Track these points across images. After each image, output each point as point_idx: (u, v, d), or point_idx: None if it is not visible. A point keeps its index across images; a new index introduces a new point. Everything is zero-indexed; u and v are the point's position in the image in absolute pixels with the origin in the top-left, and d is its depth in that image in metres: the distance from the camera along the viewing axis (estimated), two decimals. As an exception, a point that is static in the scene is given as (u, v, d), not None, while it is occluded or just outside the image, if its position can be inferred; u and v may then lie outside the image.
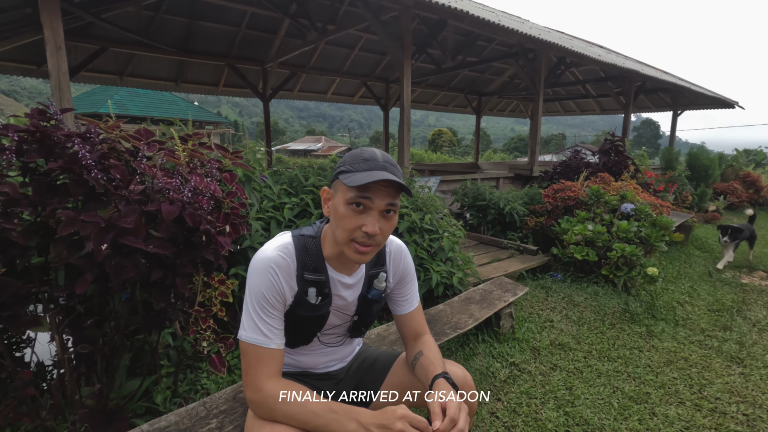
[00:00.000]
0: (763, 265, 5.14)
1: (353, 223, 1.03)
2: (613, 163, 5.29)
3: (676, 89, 9.76)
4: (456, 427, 0.95)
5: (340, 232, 1.06)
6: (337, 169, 1.07)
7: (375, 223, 1.03)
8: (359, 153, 1.07)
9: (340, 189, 1.05)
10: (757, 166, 23.95)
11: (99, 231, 1.21)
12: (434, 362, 1.18)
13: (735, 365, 2.69)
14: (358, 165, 1.03)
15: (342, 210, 1.04)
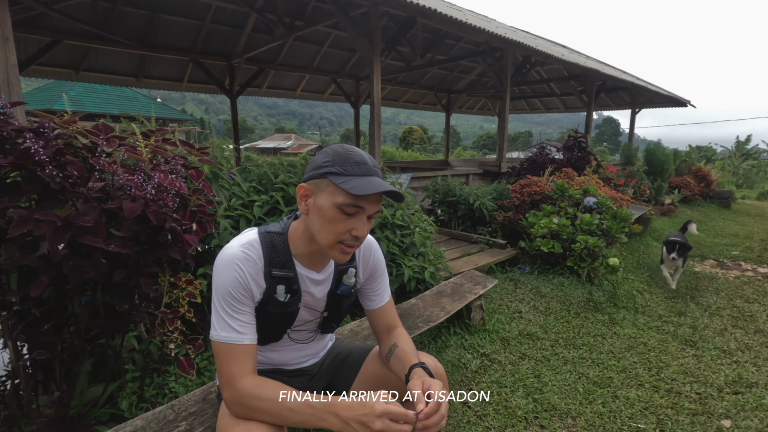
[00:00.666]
0: (713, 254, 5.48)
1: (343, 227, 1.03)
2: (577, 158, 5.49)
3: (634, 88, 10.21)
4: (439, 412, 0.96)
5: (326, 234, 1.04)
6: (324, 168, 1.02)
7: (364, 226, 1.04)
8: (346, 154, 1.03)
9: (327, 190, 1.02)
10: (707, 161, 25.43)
11: (55, 230, 1.15)
12: (409, 353, 1.20)
13: (689, 348, 2.85)
14: (350, 168, 1.00)
15: (331, 213, 1.02)
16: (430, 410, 0.96)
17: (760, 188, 20.50)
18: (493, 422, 1.95)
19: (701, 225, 7.49)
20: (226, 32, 7.61)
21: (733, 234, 6.85)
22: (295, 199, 2.90)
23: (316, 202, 1.04)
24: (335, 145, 1.07)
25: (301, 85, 10.36)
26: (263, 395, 1.00)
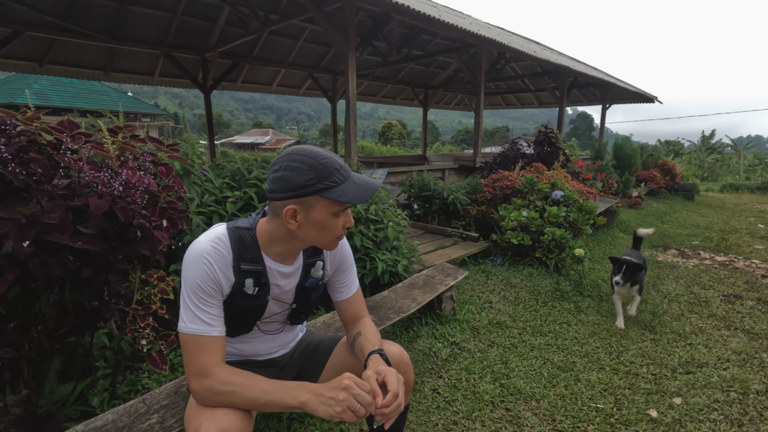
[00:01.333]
0: (675, 244, 5.75)
1: (338, 226, 1.13)
2: (547, 153, 5.66)
3: (604, 84, 10.51)
4: (396, 402, 1.03)
5: (327, 237, 1.14)
6: (312, 187, 1.03)
7: (351, 217, 1.16)
8: (322, 165, 1.04)
9: (320, 204, 1.07)
10: (675, 155, 26.41)
11: (19, 228, 1.16)
12: (370, 340, 1.25)
13: (648, 332, 3.01)
14: (336, 177, 1.06)
15: (329, 221, 1.10)
16: (388, 402, 1.02)
17: (724, 181, 21.47)
18: (461, 407, 2.04)
19: (666, 216, 7.83)
20: (199, 25, 7.46)
21: (695, 225, 7.19)
22: (268, 195, 2.93)
23: (310, 217, 1.08)
24: (303, 157, 1.05)
25: (277, 80, 10.26)
26: (234, 380, 1.05)
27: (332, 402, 0.98)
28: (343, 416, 0.97)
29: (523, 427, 1.94)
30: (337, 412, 0.97)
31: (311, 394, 1.01)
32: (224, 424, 0.99)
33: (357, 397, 0.98)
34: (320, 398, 0.99)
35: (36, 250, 1.25)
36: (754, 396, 2.23)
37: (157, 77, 8.49)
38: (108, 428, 1.31)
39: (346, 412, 0.97)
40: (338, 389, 0.99)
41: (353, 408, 0.97)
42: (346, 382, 1.00)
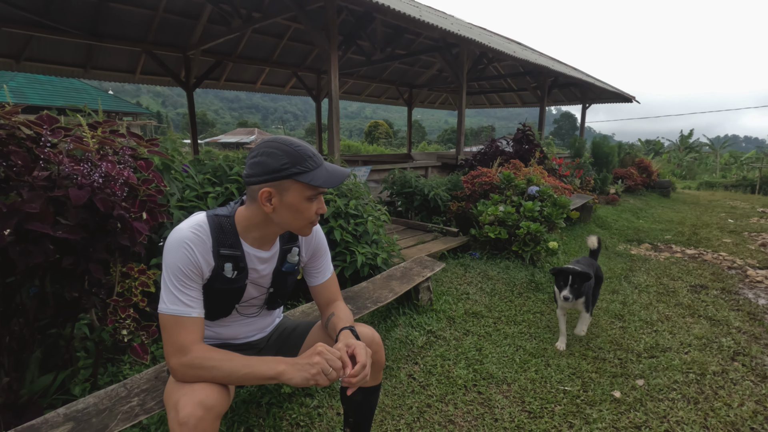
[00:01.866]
0: (649, 238, 5.95)
1: (311, 211, 1.20)
2: (525, 151, 5.81)
3: (583, 84, 10.76)
4: (363, 372, 1.13)
5: (300, 221, 1.20)
6: (285, 171, 1.12)
7: (323, 204, 1.23)
8: (297, 152, 1.13)
9: (294, 188, 1.14)
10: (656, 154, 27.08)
11: (0, 216, 1.20)
12: (342, 318, 1.34)
13: (617, 321, 3.15)
14: (309, 163, 1.14)
15: (303, 205, 1.17)
16: (356, 371, 1.12)
17: (701, 179, 22.10)
18: (435, 390, 2.13)
19: (642, 212, 8.07)
20: (181, 22, 7.43)
21: (669, 220, 7.44)
22: (250, 191, 2.98)
23: (284, 200, 1.16)
24: (278, 144, 1.14)
25: (261, 78, 10.24)
26: (213, 356, 1.12)
27: (307, 367, 1.08)
28: (318, 378, 1.07)
29: (494, 408, 2.04)
30: (312, 374, 1.07)
31: (287, 364, 1.11)
32: (201, 397, 1.06)
33: (329, 361, 1.08)
34: (295, 366, 1.09)
35: (17, 240, 1.29)
36: (710, 377, 2.37)
37: (138, 75, 8.41)
38: (89, 411, 1.36)
39: (320, 375, 1.07)
40: (312, 355, 1.10)
41: (326, 371, 1.07)
42: (319, 349, 1.11)
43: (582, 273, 2.50)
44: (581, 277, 2.51)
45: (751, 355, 2.62)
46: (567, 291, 2.48)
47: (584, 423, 1.96)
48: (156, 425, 1.73)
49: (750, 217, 8.07)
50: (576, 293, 2.50)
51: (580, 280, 2.51)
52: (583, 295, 2.57)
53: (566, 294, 2.47)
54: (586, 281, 2.53)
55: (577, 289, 2.50)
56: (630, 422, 1.97)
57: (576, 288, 2.49)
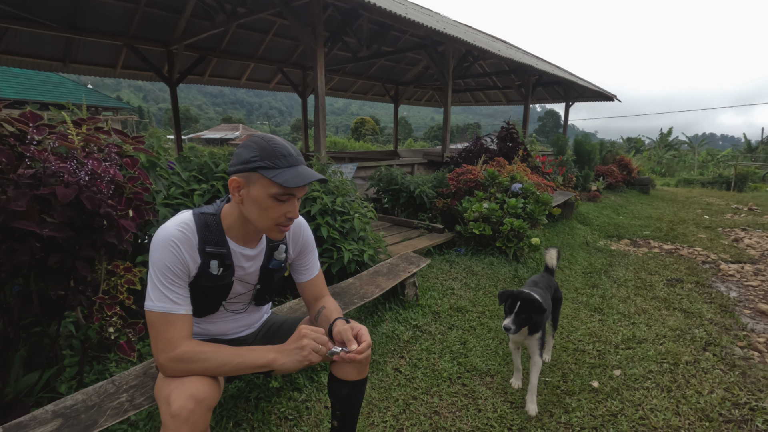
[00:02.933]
0: (629, 234, 6.12)
1: (278, 212, 1.18)
2: (509, 148, 5.90)
3: (567, 83, 10.93)
4: (368, 351, 1.22)
5: (264, 220, 1.19)
6: (253, 163, 1.13)
7: (296, 209, 1.21)
8: (272, 148, 1.15)
9: (260, 183, 1.15)
10: (637, 152, 27.62)
11: (-14, 215, 1.20)
12: (334, 311, 1.39)
13: (597, 314, 3.25)
14: (278, 161, 1.14)
15: (267, 202, 1.16)
16: (362, 348, 1.20)
17: (680, 176, 22.67)
18: (421, 383, 2.18)
19: (622, 209, 8.27)
20: (163, 16, 7.29)
21: (647, 216, 7.65)
22: (236, 188, 2.98)
23: (250, 193, 1.17)
24: (258, 138, 1.18)
25: (246, 74, 10.13)
26: (204, 349, 1.15)
27: (297, 350, 1.13)
28: (310, 358, 1.13)
29: (478, 399, 2.10)
30: (304, 355, 1.13)
31: (276, 351, 1.16)
32: (193, 390, 1.08)
33: (315, 339, 1.14)
34: (285, 352, 1.15)
35: (2, 238, 1.28)
36: (683, 366, 2.48)
37: (119, 69, 8.24)
38: (78, 407, 1.37)
39: (311, 353, 1.13)
40: (299, 339, 1.15)
41: (315, 348, 1.13)
42: (303, 331, 1.16)
43: (534, 301, 1.88)
44: (533, 306, 1.88)
45: (722, 345, 2.74)
46: (509, 321, 1.86)
47: (564, 412, 2.03)
48: (144, 421, 1.74)
49: (724, 213, 8.35)
50: (524, 323, 1.89)
51: (531, 309, 1.88)
52: (539, 329, 1.97)
53: (507, 324, 1.86)
54: (539, 313, 1.90)
55: (524, 320, 1.88)
56: (607, 410, 2.06)
57: (523, 318, 1.88)
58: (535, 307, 1.89)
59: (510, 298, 1.93)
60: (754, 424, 1.97)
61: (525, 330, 1.96)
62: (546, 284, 2.36)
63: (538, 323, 1.95)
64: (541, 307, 1.90)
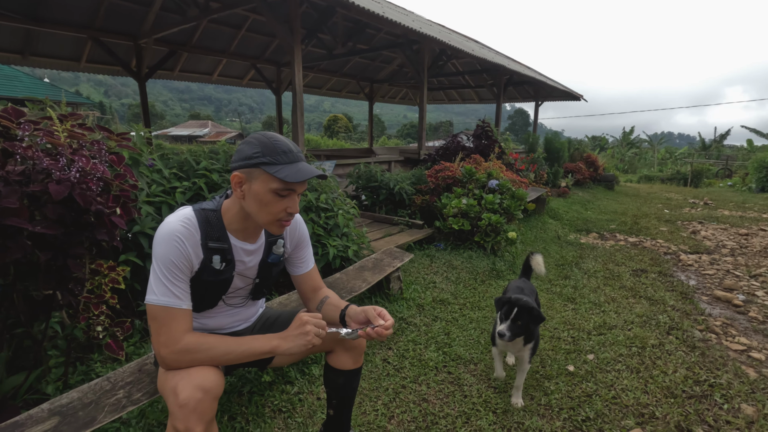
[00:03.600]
0: (596, 228, 6.41)
1: (279, 207, 1.21)
2: (484, 146, 6.07)
3: (536, 83, 11.28)
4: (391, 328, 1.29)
5: (264, 215, 1.22)
6: (255, 159, 1.16)
7: (296, 204, 1.25)
8: (273, 144, 1.18)
9: (261, 178, 1.18)
10: (601, 149, 28.73)
11: (-21, 212, 1.18)
12: (341, 300, 1.47)
13: (570, 303, 3.42)
14: (279, 157, 1.17)
15: (268, 197, 1.19)
16: (389, 324, 1.28)
17: (641, 173, 23.75)
18: (409, 372, 2.26)
19: (590, 204, 8.63)
20: (131, 9, 7.06)
21: (613, 211, 8.03)
22: (218, 185, 2.96)
23: (251, 188, 1.20)
24: (259, 135, 1.21)
25: (218, 70, 9.93)
26: (207, 339, 1.18)
27: (300, 336, 1.18)
28: (314, 341, 1.19)
29: (463, 386, 2.20)
30: (308, 339, 1.19)
31: (279, 338, 1.21)
32: (199, 380, 1.11)
33: (316, 324, 1.20)
34: (289, 338, 1.20)
35: (-7, 235, 1.26)
36: (650, 349, 2.66)
37: (84, 63, 7.92)
38: (74, 405, 1.36)
39: (314, 338, 1.19)
40: (301, 325, 1.20)
41: (318, 333, 1.19)
42: (304, 318, 1.21)
43: (530, 308, 1.86)
44: (530, 315, 1.86)
45: (683, 329, 2.95)
46: (505, 326, 1.84)
47: (543, 395, 2.16)
48: (137, 419, 1.74)
49: (683, 207, 8.86)
50: (515, 331, 1.85)
51: (528, 317, 1.86)
52: (533, 339, 1.97)
53: (502, 330, 1.83)
54: (537, 322, 1.90)
55: (519, 327, 1.86)
56: (582, 392, 2.20)
57: (519, 326, 1.86)
58: (533, 316, 1.86)
59: (507, 304, 1.90)
60: (713, 399, 2.15)
61: (520, 341, 1.94)
62: (530, 290, 2.38)
63: (533, 332, 1.95)
64: (540, 316, 1.88)
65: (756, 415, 2.02)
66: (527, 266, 2.67)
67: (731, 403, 2.11)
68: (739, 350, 2.71)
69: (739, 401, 2.13)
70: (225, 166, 3.09)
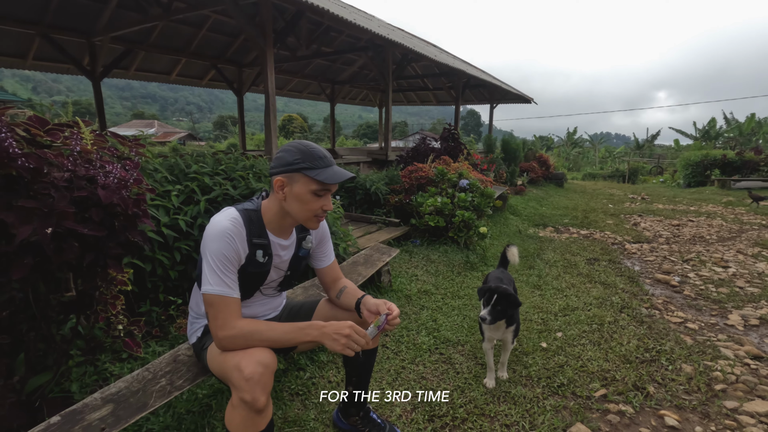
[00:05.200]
0: (552, 223, 6.97)
1: (317, 205, 1.41)
2: (451, 148, 6.44)
3: (491, 86, 11.91)
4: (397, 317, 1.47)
5: (305, 212, 1.41)
6: (297, 165, 1.35)
7: (330, 201, 1.45)
8: (311, 151, 1.37)
9: (302, 181, 1.37)
10: (548, 149, 30.42)
11: (43, 216, 1.28)
12: (357, 290, 1.66)
13: (536, 290, 3.80)
14: (318, 162, 1.37)
15: (308, 197, 1.38)
16: (397, 313, 1.46)
17: (585, 171, 25.45)
18: (406, 355, 2.50)
19: (544, 200, 9.30)
20: (84, 5, 6.76)
21: (565, 207, 8.71)
22: (210, 188, 3.04)
23: (293, 190, 1.39)
24: (296, 144, 1.40)
25: (177, 70, 9.66)
26: (258, 326, 1.34)
27: (337, 342, 1.32)
28: (346, 352, 1.32)
29: (455, 364, 2.46)
30: (343, 344, 1.32)
31: (319, 332, 1.35)
32: (259, 357, 1.28)
33: (356, 341, 1.33)
34: (328, 337, 1.33)
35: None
36: (607, 325, 3.07)
37: (30, 61, 7.47)
38: (123, 393, 1.47)
39: (345, 350, 1.32)
40: (342, 335, 1.31)
41: (353, 347, 1.32)
42: (347, 331, 1.32)
43: (508, 294, 2.10)
44: (508, 300, 2.11)
45: (633, 307, 3.40)
46: (486, 311, 2.08)
47: (524, 368, 2.46)
48: (164, 409, 1.84)
49: (624, 202, 9.75)
50: (496, 315, 2.09)
51: (506, 303, 2.10)
52: (514, 321, 2.23)
53: (484, 314, 2.07)
54: (515, 306, 2.15)
55: (499, 312, 2.10)
56: (555, 364, 2.53)
57: (498, 311, 2.10)
58: (511, 301, 2.12)
59: (488, 292, 2.14)
60: (660, 362, 2.56)
61: (503, 325, 2.18)
62: (508, 279, 2.64)
63: (514, 316, 2.20)
64: (517, 301, 2.13)
65: (693, 372, 2.44)
66: (504, 257, 2.96)
67: (674, 365, 2.53)
68: (678, 322, 3.18)
69: (680, 363, 2.55)
70: (214, 170, 3.18)
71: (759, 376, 2.44)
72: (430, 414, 2.00)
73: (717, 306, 3.51)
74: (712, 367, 2.51)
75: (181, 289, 2.67)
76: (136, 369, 2.11)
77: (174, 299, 2.53)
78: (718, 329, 3.09)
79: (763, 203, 8.52)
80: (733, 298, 3.66)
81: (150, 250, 2.27)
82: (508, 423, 1.97)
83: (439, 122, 55.09)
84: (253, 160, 3.39)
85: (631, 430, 1.97)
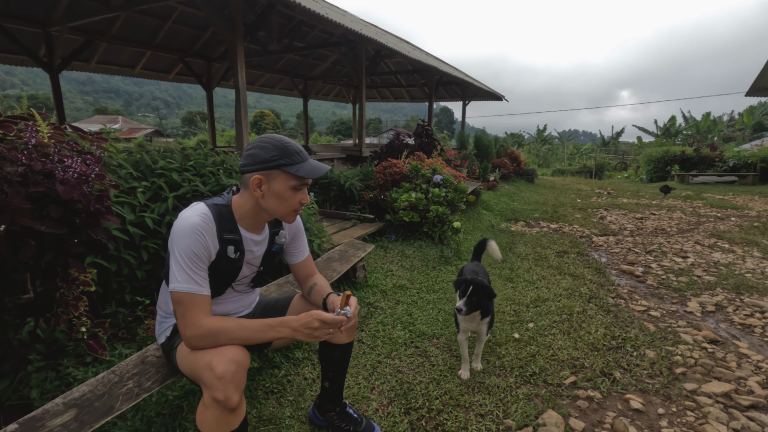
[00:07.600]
0: (523, 217, 7.13)
1: (296, 200, 1.40)
2: (425, 144, 6.49)
3: (464, 84, 12.05)
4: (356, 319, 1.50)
5: (284, 208, 1.40)
6: (274, 161, 1.33)
7: (307, 195, 1.44)
8: (286, 147, 1.35)
9: (281, 178, 1.35)
10: (519, 146, 31.08)
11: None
12: (326, 287, 1.65)
13: (509, 282, 3.89)
14: (295, 157, 1.36)
15: (287, 193, 1.37)
16: (356, 311, 1.47)
17: (554, 167, 26.15)
18: (382, 350, 2.50)
19: (515, 196, 9.49)
20: (40, -7, 6.42)
21: (535, 201, 8.92)
22: (178, 185, 2.95)
23: (271, 188, 1.37)
24: (269, 139, 1.37)
25: (142, 63, 9.30)
26: (227, 324, 1.31)
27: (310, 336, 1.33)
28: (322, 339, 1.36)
29: (430, 357, 2.49)
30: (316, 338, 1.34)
31: (292, 330, 1.33)
32: (231, 355, 1.25)
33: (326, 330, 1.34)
34: (300, 333, 1.32)
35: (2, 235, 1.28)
36: (576, 315, 3.17)
37: (-20, 51, 7.02)
38: (88, 397, 1.41)
39: (322, 338, 1.35)
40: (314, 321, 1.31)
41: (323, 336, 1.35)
42: (316, 324, 1.32)
43: (485, 286, 2.16)
44: (483, 291, 2.15)
45: (600, 297, 3.53)
46: (462, 302, 2.13)
47: (497, 358, 2.52)
48: (132, 413, 1.78)
49: (591, 197, 10.08)
50: (471, 306, 2.14)
51: (481, 294, 2.15)
52: (489, 313, 2.28)
53: (460, 305, 2.12)
54: (490, 298, 2.21)
55: (475, 303, 2.15)
56: (527, 353, 2.59)
57: (474, 301, 2.14)
58: (486, 292, 2.17)
59: (464, 284, 2.18)
60: (626, 349, 2.67)
61: (477, 316, 2.24)
62: (483, 272, 2.69)
63: (488, 307, 2.26)
64: (492, 292, 2.20)
65: (656, 357, 2.55)
66: (479, 250, 3.02)
67: (639, 351, 2.64)
68: (641, 310, 3.32)
69: (644, 349, 2.66)
70: (183, 166, 3.08)
71: (715, 359, 2.58)
72: (406, 407, 2.01)
73: (677, 294, 3.68)
74: (673, 352, 2.63)
75: (148, 290, 2.58)
76: (101, 372, 2.04)
77: (141, 300, 2.44)
78: (678, 316, 3.24)
79: (669, 195, 10.01)
80: (692, 286, 3.85)
81: (115, 249, 2.18)
82: (483, 413, 2.00)
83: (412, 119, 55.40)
84: (224, 155, 3.31)
85: (599, 414, 2.05)
